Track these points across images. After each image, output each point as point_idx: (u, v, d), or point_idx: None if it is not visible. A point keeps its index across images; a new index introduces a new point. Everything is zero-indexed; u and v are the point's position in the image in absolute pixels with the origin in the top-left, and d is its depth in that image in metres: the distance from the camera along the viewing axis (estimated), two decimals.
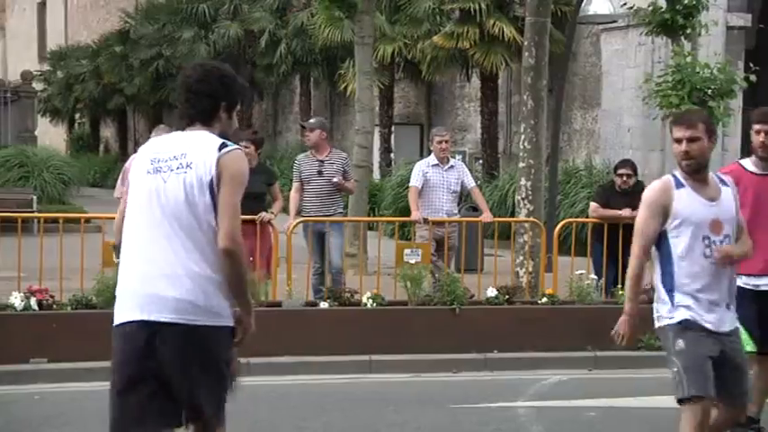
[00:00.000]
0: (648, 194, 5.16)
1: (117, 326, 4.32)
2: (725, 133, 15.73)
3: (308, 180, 10.75)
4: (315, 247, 10.48)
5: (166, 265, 4.24)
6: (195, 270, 4.23)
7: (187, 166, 4.28)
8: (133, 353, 4.24)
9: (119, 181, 10.08)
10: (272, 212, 9.91)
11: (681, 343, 5.03)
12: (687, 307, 5.11)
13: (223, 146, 4.34)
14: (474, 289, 9.97)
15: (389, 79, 25.21)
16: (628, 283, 5.38)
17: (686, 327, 5.09)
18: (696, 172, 5.13)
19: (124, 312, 4.30)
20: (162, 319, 4.21)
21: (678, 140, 5.11)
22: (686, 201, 5.09)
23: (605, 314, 9.98)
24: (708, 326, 5.08)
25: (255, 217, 10.07)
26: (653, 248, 5.19)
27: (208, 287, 4.25)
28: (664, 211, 5.10)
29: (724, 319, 5.14)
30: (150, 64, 33.84)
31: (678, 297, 5.14)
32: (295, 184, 10.94)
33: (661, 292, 5.20)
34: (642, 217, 5.17)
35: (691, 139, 5.09)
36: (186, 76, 4.54)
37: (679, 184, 5.12)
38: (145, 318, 4.22)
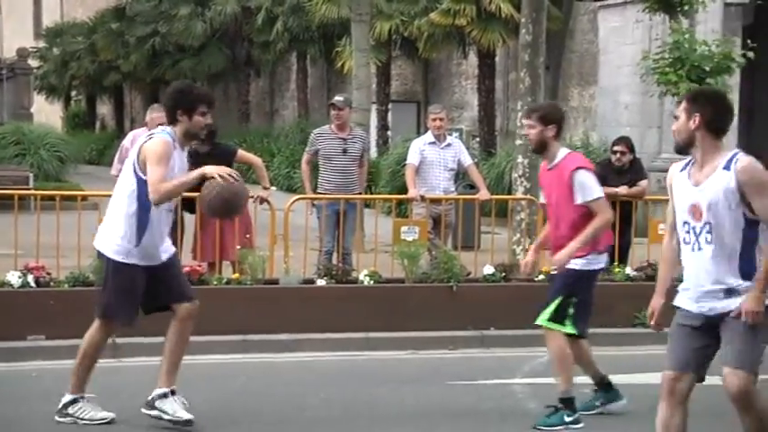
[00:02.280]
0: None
1: None
2: None
3: (329, 157, 10.73)
4: (328, 227, 10.46)
5: None
6: None
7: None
8: None
9: (115, 159, 10.07)
10: (266, 187, 9.92)
11: None
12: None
13: (150, 136, 6.30)
14: (471, 266, 9.98)
15: (386, 57, 25.16)
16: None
17: None
18: (679, 152, 5.02)
19: None
20: None
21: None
22: (677, 183, 5.04)
23: (601, 291, 10.02)
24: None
25: (253, 195, 10.09)
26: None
27: None
28: (671, 192, 5.07)
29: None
30: (146, 41, 33.71)
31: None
32: (306, 156, 10.94)
33: None
34: None
35: (675, 117, 5.02)
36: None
37: (685, 166, 5.01)
38: None
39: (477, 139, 22.22)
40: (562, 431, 6.46)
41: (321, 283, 9.43)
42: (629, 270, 10.14)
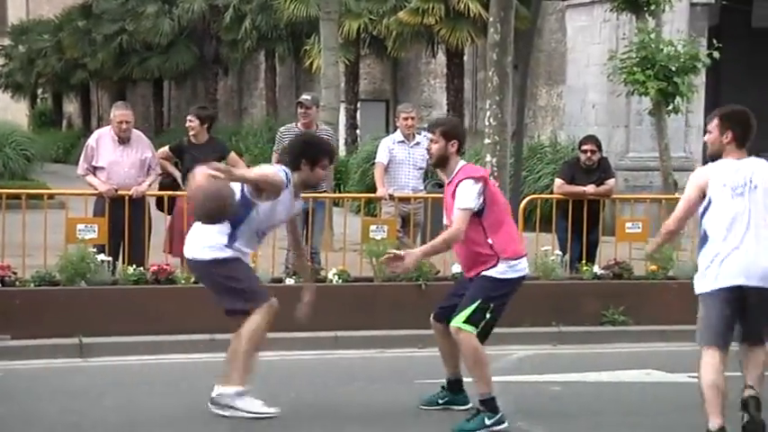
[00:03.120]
0: None
1: None
2: (688, 110, 15.82)
3: None
4: None
5: None
6: None
7: None
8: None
9: (81, 157, 9.99)
10: None
11: None
12: None
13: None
14: (440, 265, 9.98)
15: (355, 55, 25.14)
16: None
17: None
18: (712, 160, 6.12)
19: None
20: None
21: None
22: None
23: (570, 290, 10.09)
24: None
25: None
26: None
27: None
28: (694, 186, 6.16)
29: None
30: (113, 39, 33.51)
31: None
32: (275, 156, 10.92)
33: None
34: None
35: (708, 131, 6.10)
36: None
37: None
38: None
39: None
40: None
41: (290, 281, 9.41)
42: (596, 269, 10.19)
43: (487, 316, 6.43)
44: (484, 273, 6.44)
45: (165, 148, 10.49)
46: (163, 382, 7.78)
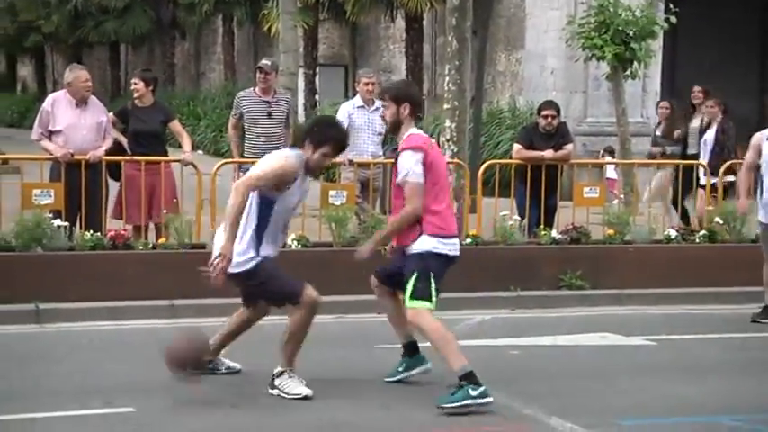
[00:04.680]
0: None
1: None
2: (646, 75, 15.90)
3: (254, 121, 10.63)
4: None
5: None
6: None
7: None
8: None
9: (36, 122, 9.86)
10: (187, 152, 9.90)
11: None
12: None
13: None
14: None
15: (314, 20, 24.98)
16: None
17: None
18: None
19: None
20: None
21: None
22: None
23: (528, 254, 10.16)
24: None
25: (178, 158, 10.01)
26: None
27: None
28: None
29: None
30: (68, 2, 33.04)
31: None
32: (232, 120, 10.85)
33: None
34: None
35: None
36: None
37: None
38: None
39: None
40: (470, 405, 6.08)
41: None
42: (554, 233, 10.26)
43: (433, 285, 6.30)
44: (414, 248, 6.31)
45: (110, 114, 10.36)
46: (122, 348, 7.75)
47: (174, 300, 8.87)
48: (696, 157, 12.18)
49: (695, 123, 12.72)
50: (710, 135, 11.98)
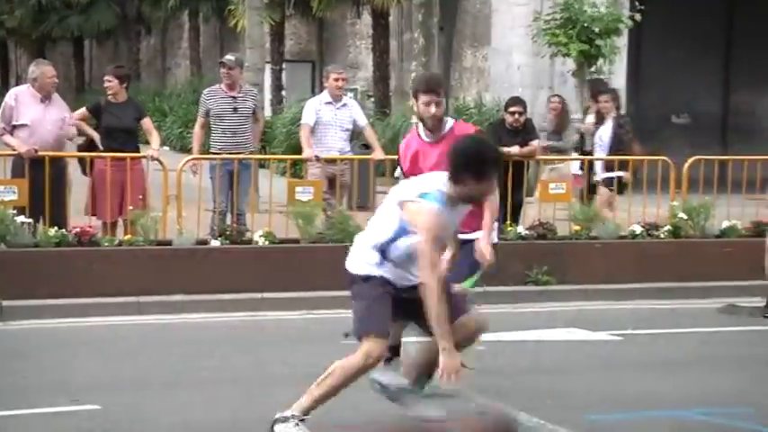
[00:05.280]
0: None
1: None
2: (610, 71, 15.99)
3: (220, 116, 10.59)
4: (222, 187, 10.34)
5: None
6: None
7: None
8: None
9: None
10: (154, 149, 9.86)
11: None
12: None
13: (423, 194, 5.45)
14: (366, 227, 9.99)
15: (280, 15, 24.88)
16: None
17: None
18: None
19: None
20: None
21: None
22: None
23: (493, 250, 10.16)
24: None
25: (145, 155, 9.96)
26: None
27: None
28: None
29: None
30: None
31: None
32: (200, 120, 10.80)
33: None
34: None
35: None
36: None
37: None
38: None
39: (372, 99, 22.21)
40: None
41: (215, 243, 9.36)
42: (520, 229, 10.29)
43: None
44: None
45: (83, 109, 10.32)
46: (88, 345, 7.70)
47: (140, 296, 8.82)
48: (591, 153, 12.01)
49: (590, 119, 12.48)
50: (606, 130, 11.64)
